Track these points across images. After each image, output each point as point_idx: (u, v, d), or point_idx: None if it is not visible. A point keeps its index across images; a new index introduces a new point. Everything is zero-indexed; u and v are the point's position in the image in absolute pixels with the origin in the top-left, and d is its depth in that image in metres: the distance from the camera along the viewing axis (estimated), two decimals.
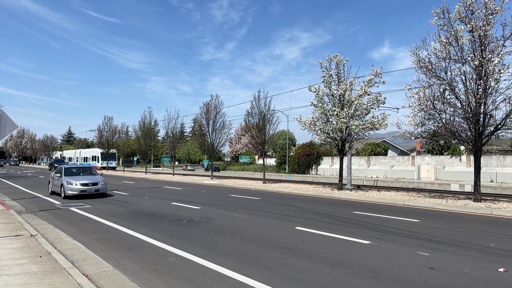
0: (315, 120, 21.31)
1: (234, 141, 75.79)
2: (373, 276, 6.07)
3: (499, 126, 14.86)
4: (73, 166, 22.17)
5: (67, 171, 19.22)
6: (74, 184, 17.56)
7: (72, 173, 19.30)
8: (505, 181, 27.52)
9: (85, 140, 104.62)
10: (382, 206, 15.59)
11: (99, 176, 19.79)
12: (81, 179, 18.19)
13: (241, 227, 10.64)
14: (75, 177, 18.38)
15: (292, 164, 45.44)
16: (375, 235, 9.26)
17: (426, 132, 16.60)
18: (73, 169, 19.98)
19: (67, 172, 19.16)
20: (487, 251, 7.75)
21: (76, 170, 19.98)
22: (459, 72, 14.86)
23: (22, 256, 6.83)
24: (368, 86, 20.31)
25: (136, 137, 54.56)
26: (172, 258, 7.24)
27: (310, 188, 24.14)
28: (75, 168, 20.72)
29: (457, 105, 15.30)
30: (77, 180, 17.88)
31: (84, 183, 17.84)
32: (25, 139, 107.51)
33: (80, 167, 21.58)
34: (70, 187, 17.48)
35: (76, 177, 18.57)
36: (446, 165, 32.52)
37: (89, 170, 20.44)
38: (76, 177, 18.43)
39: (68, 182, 17.61)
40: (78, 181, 17.78)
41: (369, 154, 41.09)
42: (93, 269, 6.31)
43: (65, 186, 17.53)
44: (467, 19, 14.75)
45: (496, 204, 15.19)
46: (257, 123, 29.67)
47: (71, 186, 17.49)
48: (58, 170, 19.86)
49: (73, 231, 9.96)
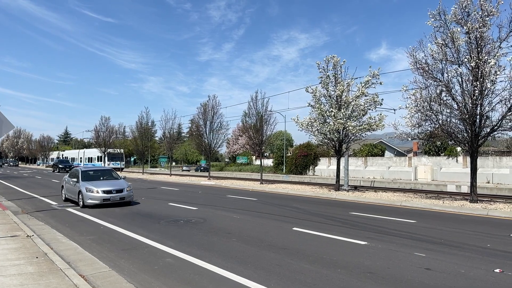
0: (313, 121, 21.34)
1: (232, 141, 75.79)
2: (370, 277, 6.08)
3: (495, 127, 14.93)
4: (91, 168, 18.72)
5: (85, 175, 16.15)
6: (95, 191, 14.75)
7: (91, 177, 16.29)
8: (501, 182, 27.64)
9: (81, 140, 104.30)
10: (379, 207, 15.62)
11: (123, 180, 16.67)
12: (103, 185, 15.32)
13: (238, 227, 10.64)
14: (96, 183, 15.50)
15: (290, 165, 45.47)
16: (372, 236, 9.28)
17: (422, 133, 16.65)
18: (91, 173, 16.88)
19: (85, 176, 16.12)
20: (483, 252, 7.78)
21: (96, 174, 16.91)
22: (456, 73, 14.92)
23: (18, 257, 6.81)
24: (365, 87, 20.37)
25: (133, 137, 54.43)
26: (169, 259, 7.23)
27: (307, 189, 24.16)
28: (94, 171, 17.49)
29: (454, 106, 15.36)
30: (98, 187, 15.00)
31: (107, 190, 15.01)
32: (22, 139, 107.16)
33: (100, 169, 18.31)
34: (91, 195, 14.68)
35: (96, 182, 15.62)
36: (443, 166, 32.62)
37: (109, 173, 17.29)
38: (97, 183, 15.53)
39: (88, 189, 14.79)
40: (100, 188, 14.92)
41: (366, 155, 41.17)
42: (90, 270, 6.30)
43: (84, 194, 14.73)
44: (463, 21, 14.82)
45: (492, 205, 15.26)
46: (255, 123, 29.70)
47: (91, 194, 14.69)
48: (74, 173, 16.79)
49: (70, 232, 9.93)
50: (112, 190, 15.13)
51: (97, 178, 16.39)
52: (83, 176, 16.00)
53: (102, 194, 14.80)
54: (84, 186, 14.99)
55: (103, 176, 16.81)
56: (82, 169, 16.82)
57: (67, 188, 16.87)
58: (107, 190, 15.02)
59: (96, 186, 15.06)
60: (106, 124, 60.42)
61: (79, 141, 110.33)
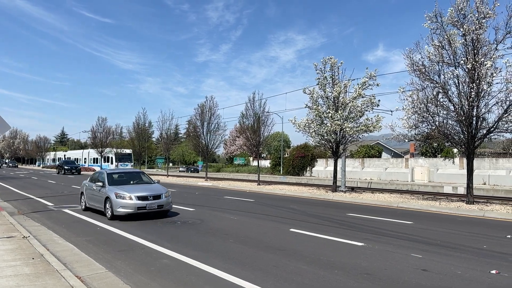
0: (310, 122, 21.37)
1: (229, 142, 75.85)
2: (367, 278, 6.09)
3: (492, 129, 14.99)
4: (118, 170, 16.14)
5: (112, 179, 13.57)
6: (127, 197, 11.94)
7: (120, 181, 13.71)
8: (497, 184, 27.75)
9: (78, 141, 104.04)
10: (376, 208, 15.66)
11: (158, 185, 13.92)
12: (136, 190, 12.52)
13: (235, 228, 10.63)
14: (126, 187, 12.74)
15: (287, 166, 45.50)
16: (369, 237, 9.30)
17: (419, 134, 16.71)
18: (119, 176, 14.28)
19: (113, 179, 13.58)
20: (479, 253, 7.81)
21: (124, 177, 14.18)
22: (452, 75, 14.98)
23: (14, 258, 6.78)
24: (362, 88, 20.43)
25: (130, 138, 54.34)
26: (166, 260, 7.22)
27: (305, 190, 24.18)
28: (122, 173, 14.72)
29: (450, 108, 15.42)
30: (131, 192, 12.22)
31: (142, 196, 12.15)
32: (18, 140, 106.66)
33: (128, 172, 15.66)
34: (122, 202, 11.88)
35: (127, 187, 12.90)
36: (440, 167, 32.73)
37: (139, 176, 14.54)
38: (128, 187, 12.77)
39: (118, 195, 12.02)
40: (133, 193, 12.13)
41: (363, 156, 41.25)
42: (86, 271, 6.28)
43: (114, 201, 11.96)
44: (460, 23, 14.88)
45: (489, 206, 15.32)
46: (252, 124, 29.71)
47: (123, 201, 11.88)
48: (97, 177, 14.14)
49: (66, 233, 9.90)
50: (148, 196, 12.22)
51: (126, 182, 13.68)
52: (110, 179, 13.37)
53: (136, 201, 11.94)
54: (112, 192, 12.22)
55: (132, 179, 14.10)
56: (108, 171, 14.05)
57: (88, 195, 14.14)
58: (142, 196, 12.16)
59: (128, 191, 12.26)
60: (103, 124, 60.32)
61: (76, 141, 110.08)
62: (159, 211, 12.40)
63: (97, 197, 13.26)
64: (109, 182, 13.10)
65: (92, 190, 13.79)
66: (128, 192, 12.20)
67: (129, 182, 13.75)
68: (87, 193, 14.31)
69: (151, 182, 14.10)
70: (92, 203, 13.71)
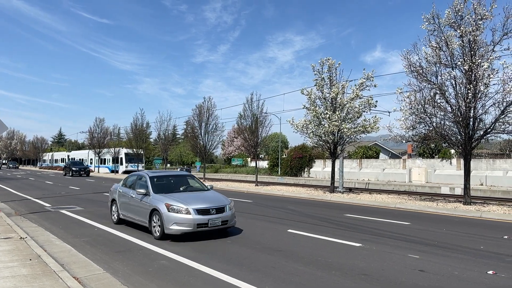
0: (308, 123, 21.40)
1: (227, 143, 75.79)
2: (364, 279, 6.11)
3: (489, 130, 15.05)
4: (161, 173, 11.66)
5: (157, 184, 10.33)
6: (183, 210, 8.92)
7: (164, 186, 10.40)
8: (494, 184, 27.84)
9: (76, 141, 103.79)
10: (374, 209, 15.69)
11: (214, 192, 10.80)
12: (192, 200, 9.38)
13: (233, 229, 10.62)
14: (177, 196, 9.59)
15: (285, 167, 45.51)
16: (366, 238, 9.32)
17: (417, 135, 16.75)
18: (163, 180, 10.90)
19: (158, 185, 10.31)
20: (476, 254, 7.85)
21: (170, 181, 10.96)
22: (449, 76, 15.04)
23: (11, 259, 6.76)
24: (359, 89, 20.47)
25: (128, 139, 54.19)
26: (164, 261, 7.22)
27: (302, 190, 24.20)
28: (167, 176, 11.29)
29: (447, 109, 15.47)
30: (187, 203, 9.10)
31: (203, 209, 9.10)
32: (15, 140, 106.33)
33: (174, 174, 11.92)
34: (177, 217, 8.87)
35: (177, 195, 9.75)
36: (437, 168, 32.81)
37: (185, 179, 11.42)
38: (179, 196, 9.61)
39: (171, 208, 8.97)
40: (191, 205, 9.05)
41: (361, 157, 41.30)
42: (84, 272, 6.27)
43: (165, 216, 8.93)
44: (457, 25, 14.94)
45: (486, 207, 15.37)
46: (250, 125, 29.70)
47: (178, 216, 8.87)
48: (134, 181, 11.01)
49: (64, 234, 9.88)
50: (210, 209, 9.15)
51: (174, 188, 10.51)
52: (155, 185, 10.23)
53: (196, 215, 8.87)
54: (162, 203, 9.17)
55: (181, 185, 10.92)
56: (151, 174, 10.77)
57: (123, 204, 11.12)
58: (202, 209, 9.06)
59: (184, 202, 9.13)
60: (100, 125, 60.26)
61: (73, 142, 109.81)
62: (223, 227, 9.39)
63: (137, 208, 10.26)
64: (154, 188, 10.01)
65: (129, 198, 10.74)
66: (183, 203, 9.07)
67: (178, 188, 10.60)
68: (121, 202, 11.22)
69: (204, 189, 10.98)
70: (131, 215, 10.66)
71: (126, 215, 10.98)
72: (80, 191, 23.74)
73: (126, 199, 11.00)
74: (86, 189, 25.45)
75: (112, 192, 12.09)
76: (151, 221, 9.56)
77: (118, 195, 11.49)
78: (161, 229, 9.13)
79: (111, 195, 12.03)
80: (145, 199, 9.91)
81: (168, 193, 9.88)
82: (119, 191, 11.53)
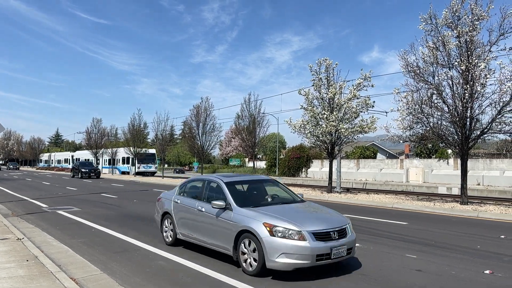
0: (305, 123, 21.42)
1: (225, 143, 75.82)
2: (362, 279, 6.12)
3: (485, 130, 15.10)
4: (237, 178, 8.28)
5: (236, 191, 7.60)
6: (294, 234, 6.02)
7: (248, 197, 7.81)
8: (491, 184, 27.95)
9: (73, 142, 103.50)
10: (371, 209, 15.71)
11: (316, 204, 8.29)
12: (302, 218, 6.53)
13: None
14: (272, 210, 6.82)
15: (282, 167, 45.55)
16: (364, 238, 9.32)
17: (414, 135, 16.80)
18: (244, 186, 8.23)
19: (238, 194, 7.56)
20: (473, 253, 7.87)
21: (252, 189, 8.18)
22: (446, 76, 15.09)
23: (8, 260, 6.73)
24: (357, 89, 20.50)
25: (125, 139, 54.04)
26: (161, 262, 7.20)
27: (300, 190, 24.18)
28: (246, 182, 8.36)
29: (444, 109, 15.52)
30: (298, 223, 6.22)
31: (323, 232, 6.20)
32: (12, 141, 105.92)
33: (253, 180, 8.66)
34: (287, 244, 5.95)
35: (273, 209, 6.95)
36: (434, 168, 32.91)
37: (270, 186, 8.51)
38: (277, 211, 6.79)
39: (276, 230, 6.08)
40: (305, 226, 6.15)
41: (358, 157, 41.38)
42: (81, 273, 6.25)
43: (268, 242, 6.03)
44: (454, 25, 14.99)
45: (483, 207, 15.42)
46: (248, 126, 29.77)
47: (289, 243, 5.95)
48: (201, 188, 8.20)
49: (61, 235, 9.84)
50: (332, 232, 6.31)
51: (261, 199, 7.73)
52: (236, 195, 7.40)
53: (314, 242, 6.01)
54: (259, 222, 6.32)
55: (265, 193, 8.02)
56: (226, 180, 7.73)
57: (184, 220, 8.17)
58: (321, 231, 6.22)
59: (294, 221, 6.28)
60: (97, 126, 60.14)
61: (71, 143, 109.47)
62: (345, 256, 6.38)
63: (210, 227, 7.26)
64: (236, 200, 7.03)
65: (194, 212, 7.74)
66: (293, 223, 6.17)
67: (264, 199, 7.72)
68: (180, 217, 8.23)
69: (296, 199, 7.88)
70: (198, 236, 7.62)
71: (189, 235, 7.90)
72: (77, 192, 23.67)
73: (189, 214, 7.95)
74: (83, 190, 25.38)
75: (162, 202, 9.07)
76: (237, 247, 6.54)
77: (175, 207, 8.49)
78: (259, 261, 6.11)
79: (161, 206, 9.06)
80: (225, 215, 6.88)
81: (256, 207, 6.87)
82: (175, 201, 8.55)
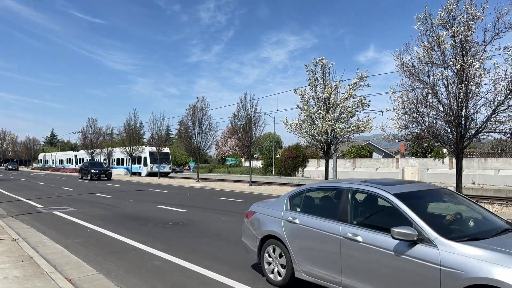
0: (301, 122, 21.44)
1: (221, 143, 75.76)
2: None
3: (480, 129, 15.17)
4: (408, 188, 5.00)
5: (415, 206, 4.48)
6: None
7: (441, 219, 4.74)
8: (486, 183, 28.11)
9: (68, 142, 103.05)
10: None
11: None
12: None
13: (227, 229, 10.63)
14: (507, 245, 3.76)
15: (279, 167, 45.61)
16: None
17: (409, 135, 16.84)
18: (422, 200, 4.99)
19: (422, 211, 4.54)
20: None
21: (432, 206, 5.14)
22: (441, 76, 15.14)
23: (3, 261, 6.70)
24: (353, 89, 20.55)
25: (121, 139, 53.87)
26: (157, 262, 7.19)
27: None
28: (422, 193, 5.12)
29: (440, 108, 15.58)
30: None
31: None
32: (6, 141, 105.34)
33: (426, 189, 5.30)
34: None
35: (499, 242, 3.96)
36: (430, 167, 33.06)
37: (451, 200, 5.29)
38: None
39: None
40: None
41: (354, 156, 41.50)
42: (76, 274, 6.23)
43: None
44: (449, 25, 15.05)
45: None
46: (244, 125, 29.72)
47: None
48: (335, 201, 5.41)
49: (56, 235, 9.80)
50: None
51: (460, 223, 4.76)
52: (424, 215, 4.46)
53: None
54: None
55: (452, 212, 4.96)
56: (396, 191, 4.75)
57: (312, 252, 5.25)
58: None
59: None
60: (93, 125, 59.91)
61: (66, 142, 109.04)
62: None
63: (381, 270, 4.39)
64: (434, 226, 4.19)
65: (334, 240, 4.93)
66: None
67: (465, 223, 4.75)
68: (301, 246, 5.41)
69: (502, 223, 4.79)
70: (351, 281, 4.71)
71: (325, 276, 5.04)
72: (73, 192, 23.58)
73: (323, 244, 5.12)
74: (78, 190, 25.29)
75: (261, 220, 6.32)
76: None
77: (290, 230, 5.60)
78: None
79: (259, 225, 6.29)
80: (418, 252, 4.09)
81: (476, 240, 4.04)
82: (289, 220, 5.68)
